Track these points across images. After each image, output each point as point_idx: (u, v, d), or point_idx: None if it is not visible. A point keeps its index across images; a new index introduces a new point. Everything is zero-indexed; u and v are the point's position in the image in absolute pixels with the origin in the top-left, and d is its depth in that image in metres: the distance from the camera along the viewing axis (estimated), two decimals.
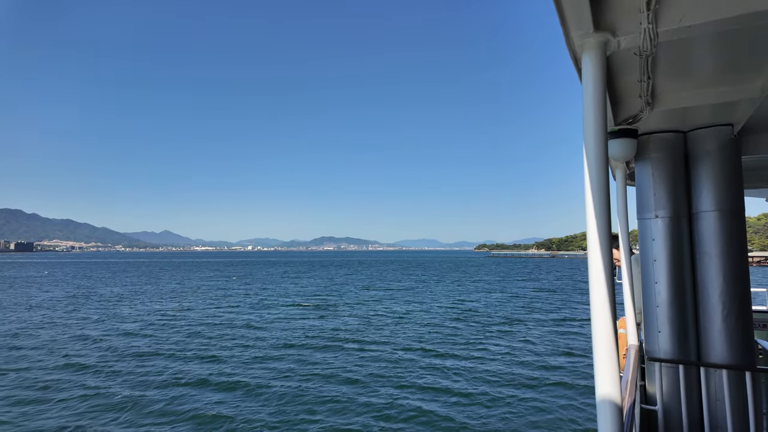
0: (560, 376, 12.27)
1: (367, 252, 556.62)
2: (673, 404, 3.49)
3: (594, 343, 1.61)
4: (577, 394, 10.76)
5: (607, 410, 1.57)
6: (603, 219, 1.62)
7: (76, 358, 14.36)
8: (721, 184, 3.41)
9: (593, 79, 1.67)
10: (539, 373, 12.48)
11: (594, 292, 1.61)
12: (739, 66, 2.48)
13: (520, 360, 14.03)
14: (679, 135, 3.62)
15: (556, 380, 11.83)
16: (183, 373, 12.55)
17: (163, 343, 16.63)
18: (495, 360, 14.09)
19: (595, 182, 1.63)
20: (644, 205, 3.73)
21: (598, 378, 1.60)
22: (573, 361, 13.98)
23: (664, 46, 2.20)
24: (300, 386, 11.24)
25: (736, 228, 3.37)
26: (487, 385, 11.48)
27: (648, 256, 3.67)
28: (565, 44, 1.80)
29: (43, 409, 9.79)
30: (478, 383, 11.61)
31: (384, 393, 10.77)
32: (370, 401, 10.15)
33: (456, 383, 11.57)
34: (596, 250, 1.62)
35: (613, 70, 2.48)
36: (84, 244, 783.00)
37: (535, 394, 10.73)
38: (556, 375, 12.37)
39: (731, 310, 3.29)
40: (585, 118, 1.66)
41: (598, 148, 1.63)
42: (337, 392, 10.78)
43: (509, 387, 11.27)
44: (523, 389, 11.13)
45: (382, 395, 10.59)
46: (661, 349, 3.53)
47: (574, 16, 1.62)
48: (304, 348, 15.75)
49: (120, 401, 10.20)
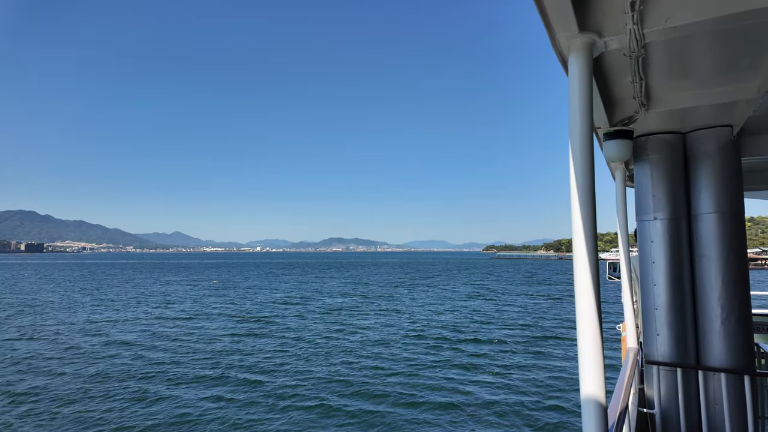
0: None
1: (374, 253, 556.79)
2: (671, 408, 3.45)
3: (579, 343, 1.61)
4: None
5: (591, 411, 1.57)
6: (588, 220, 1.62)
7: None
8: (721, 186, 3.38)
9: (580, 79, 1.68)
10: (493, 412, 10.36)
11: (579, 293, 1.62)
12: (734, 66, 2.46)
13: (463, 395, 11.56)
14: (678, 136, 3.59)
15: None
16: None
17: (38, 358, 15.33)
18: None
19: (581, 183, 1.63)
20: (643, 207, 3.70)
21: (582, 378, 1.60)
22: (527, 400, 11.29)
23: (654, 46, 2.20)
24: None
25: (735, 230, 3.34)
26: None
27: (647, 258, 3.64)
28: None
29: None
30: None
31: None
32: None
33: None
34: (582, 251, 1.62)
35: (607, 71, 2.47)
36: (95, 245, 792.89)
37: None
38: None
39: (731, 312, 3.25)
40: (571, 119, 1.66)
41: (584, 149, 1.63)
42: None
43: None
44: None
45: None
46: (660, 352, 3.50)
47: (559, 17, 1.63)
48: (150, 380, 13.07)
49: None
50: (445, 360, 15.07)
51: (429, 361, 14.84)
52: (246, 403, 10.88)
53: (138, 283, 53.01)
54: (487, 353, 16.08)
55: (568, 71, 1.74)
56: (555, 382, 12.59)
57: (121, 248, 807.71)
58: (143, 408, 10.61)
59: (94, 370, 13.86)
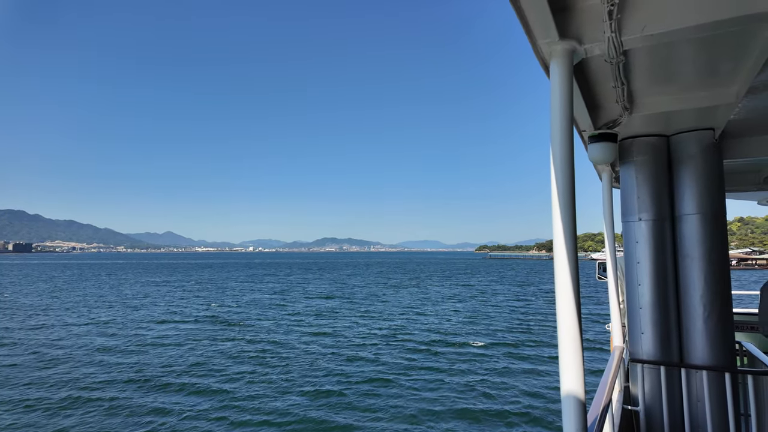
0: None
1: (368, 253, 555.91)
2: (655, 405, 3.52)
3: (559, 340, 1.66)
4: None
5: (571, 406, 1.61)
6: (568, 220, 1.67)
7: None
8: (703, 187, 3.45)
9: (561, 84, 1.72)
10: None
11: (559, 292, 1.66)
12: (714, 72, 2.53)
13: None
14: (662, 139, 3.66)
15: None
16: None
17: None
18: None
19: (561, 185, 1.67)
20: (628, 208, 3.77)
21: (563, 375, 1.65)
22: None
23: (635, 53, 2.26)
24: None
25: (717, 231, 3.41)
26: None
27: (632, 259, 3.71)
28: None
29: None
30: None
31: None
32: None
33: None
34: (562, 250, 1.66)
35: (590, 76, 2.53)
36: (86, 245, 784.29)
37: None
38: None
39: (712, 311, 3.33)
40: (553, 122, 1.70)
41: (564, 152, 1.67)
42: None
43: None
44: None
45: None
46: (644, 350, 3.57)
47: (539, 25, 1.68)
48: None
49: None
50: (408, 366, 14.42)
51: (400, 367, 14.28)
52: (190, 416, 10.15)
53: (103, 284, 50.93)
54: (446, 353, 15.94)
55: (550, 76, 1.79)
56: (534, 384, 12.44)
57: (112, 248, 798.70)
58: (76, 417, 10.11)
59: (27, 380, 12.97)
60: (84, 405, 10.99)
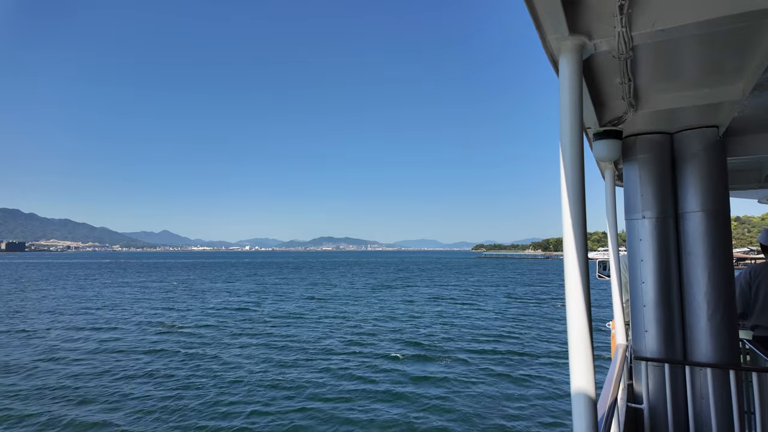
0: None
1: (364, 252, 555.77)
2: (659, 402, 3.52)
3: (569, 339, 1.64)
4: None
5: (581, 404, 1.60)
6: (578, 218, 1.65)
7: None
8: (707, 185, 3.45)
9: (570, 80, 1.71)
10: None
11: (569, 291, 1.65)
12: (720, 69, 2.52)
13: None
14: (665, 136, 3.66)
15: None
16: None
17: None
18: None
19: (570, 182, 1.66)
20: (632, 206, 3.76)
21: (573, 373, 1.63)
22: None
23: (643, 49, 2.24)
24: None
25: (721, 228, 3.41)
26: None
27: (636, 256, 3.70)
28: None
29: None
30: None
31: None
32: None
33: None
34: (572, 249, 1.65)
35: (596, 72, 2.51)
36: (81, 244, 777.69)
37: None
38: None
39: (716, 309, 3.33)
40: (562, 119, 1.69)
41: (574, 149, 1.66)
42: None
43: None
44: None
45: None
46: (648, 348, 3.57)
47: (549, 20, 1.66)
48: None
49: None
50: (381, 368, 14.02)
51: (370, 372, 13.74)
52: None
53: (67, 285, 48.07)
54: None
55: (559, 72, 1.78)
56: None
57: (108, 247, 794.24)
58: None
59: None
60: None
